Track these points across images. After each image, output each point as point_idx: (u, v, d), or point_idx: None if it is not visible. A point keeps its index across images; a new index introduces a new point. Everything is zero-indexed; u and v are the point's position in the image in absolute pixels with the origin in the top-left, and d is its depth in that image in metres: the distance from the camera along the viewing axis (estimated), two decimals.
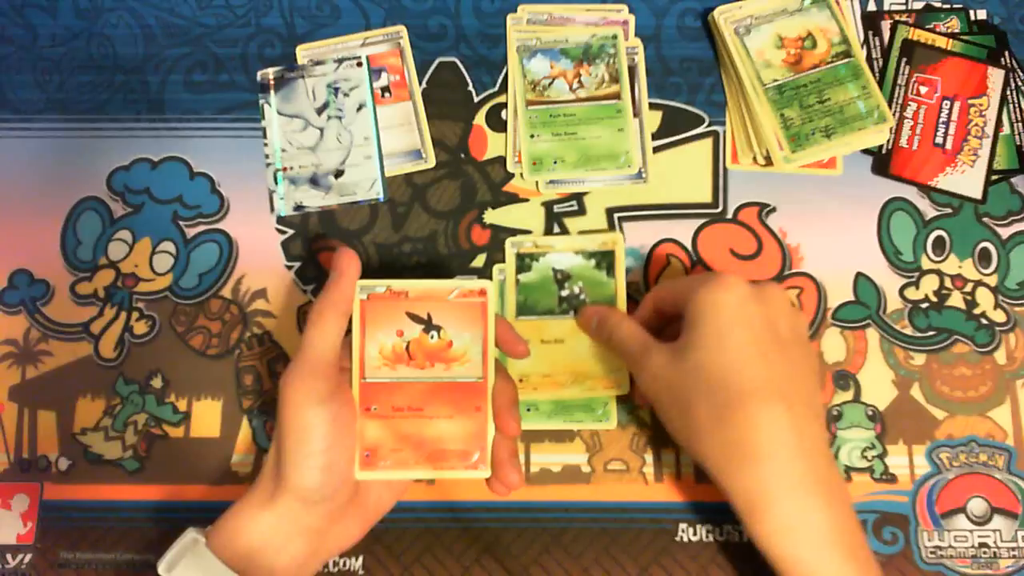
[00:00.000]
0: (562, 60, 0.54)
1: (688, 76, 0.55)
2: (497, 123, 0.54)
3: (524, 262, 0.51)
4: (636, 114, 0.54)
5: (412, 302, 0.43)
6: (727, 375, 0.40)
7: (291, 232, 0.53)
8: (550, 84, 0.54)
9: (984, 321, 0.52)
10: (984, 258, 0.53)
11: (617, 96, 0.53)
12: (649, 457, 0.50)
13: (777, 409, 0.39)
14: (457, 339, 0.43)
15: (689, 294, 0.43)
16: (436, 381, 0.43)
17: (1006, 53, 0.55)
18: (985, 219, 0.53)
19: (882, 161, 0.54)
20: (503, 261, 0.52)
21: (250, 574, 0.40)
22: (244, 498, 0.42)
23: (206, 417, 0.50)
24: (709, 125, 0.54)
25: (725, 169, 0.54)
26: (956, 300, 0.52)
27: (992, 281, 0.52)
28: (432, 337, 0.43)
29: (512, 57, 0.54)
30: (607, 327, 0.47)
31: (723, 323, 0.41)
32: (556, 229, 0.53)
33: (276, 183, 0.53)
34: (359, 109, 0.54)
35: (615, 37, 0.54)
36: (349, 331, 0.43)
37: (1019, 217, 0.53)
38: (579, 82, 0.54)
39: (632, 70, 0.54)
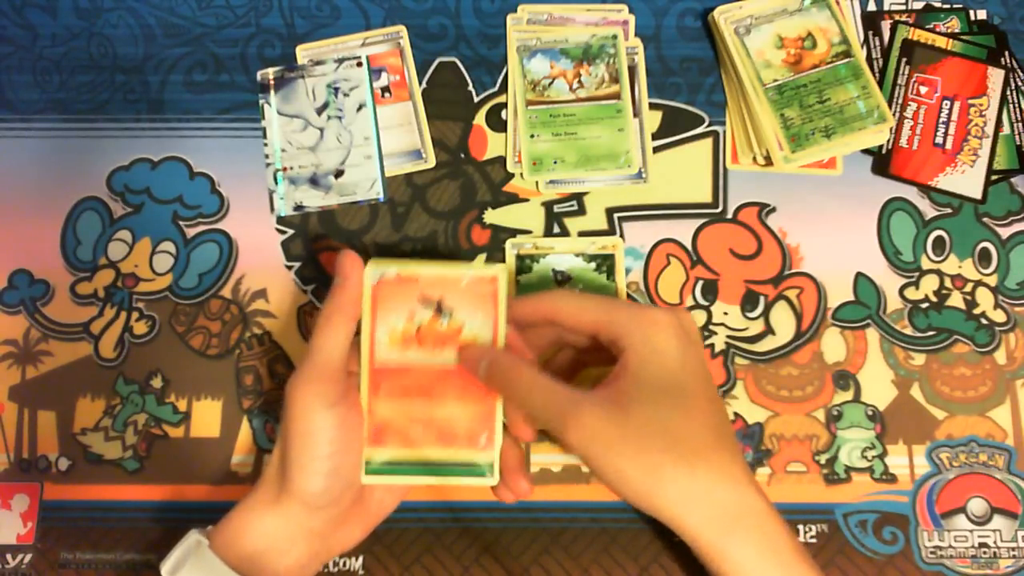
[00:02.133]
0: (562, 60, 0.54)
1: (688, 76, 0.55)
2: (497, 123, 0.54)
3: (524, 263, 0.51)
4: (636, 114, 0.54)
5: (424, 286, 0.43)
6: (675, 432, 0.38)
7: (291, 232, 0.53)
8: (550, 84, 0.54)
9: (984, 321, 0.52)
10: (984, 258, 0.53)
11: (617, 96, 0.53)
12: None
13: (736, 457, 0.39)
14: (468, 325, 0.42)
15: (622, 337, 0.40)
16: (446, 366, 0.42)
17: (1006, 53, 0.55)
18: (985, 219, 0.53)
19: (882, 161, 0.54)
20: (503, 261, 0.52)
21: None
22: (247, 500, 0.41)
23: (206, 417, 0.50)
24: (709, 125, 0.54)
25: (725, 169, 0.54)
26: (956, 300, 0.52)
27: (992, 281, 0.52)
28: (443, 322, 0.43)
29: (512, 57, 0.54)
30: (512, 385, 0.41)
31: (666, 378, 0.39)
32: (556, 229, 0.53)
33: (276, 183, 0.53)
34: (359, 109, 0.54)
35: (615, 37, 0.54)
36: (357, 334, 0.42)
37: (1019, 217, 0.53)
38: (579, 82, 0.54)
39: (632, 70, 0.54)
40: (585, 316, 0.42)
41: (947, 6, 0.56)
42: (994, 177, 0.53)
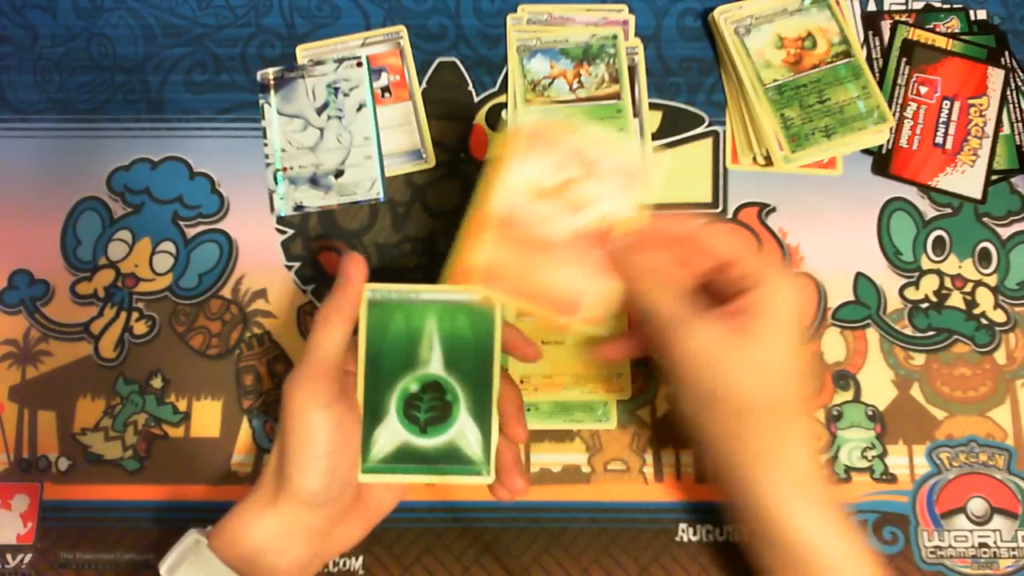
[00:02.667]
0: (562, 60, 0.54)
1: (688, 76, 0.55)
2: (497, 123, 0.54)
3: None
4: (636, 114, 0.54)
5: (581, 145, 0.42)
6: (785, 380, 0.40)
7: (291, 232, 0.53)
8: (550, 84, 0.54)
9: (984, 321, 0.52)
10: (984, 258, 0.53)
11: (617, 96, 0.53)
12: (649, 457, 0.50)
13: (806, 423, 0.41)
14: (608, 199, 0.42)
15: (761, 277, 0.40)
16: (570, 230, 0.42)
17: (1006, 53, 0.55)
18: (985, 219, 0.53)
19: (882, 161, 0.54)
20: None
21: None
22: (245, 500, 0.41)
23: (206, 417, 0.50)
24: (709, 125, 0.54)
25: (725, 169, 0.54)
26: (956, 300, 0.52)
27: (992, 281, 0.52)
28: (588, 185, 0.42)
29: (512, 57, 0.54)
30: (635, 263, 0.41)
31: (792, 327, 0.40)
32: None
33: (276, 183, 0.53)
34: (359, 109, 0.54)
35: (615, 37, 0.54)
36: (354, 334, 0.42)
37: (1019, 217, 0.53)
38: (579, 82, 0.54)
39: (632, 70, 0.54)
40: (732, 242, 0.41)
41: (947, 6, 0.56)
42: (994, 177, 0.53)
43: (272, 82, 0.54)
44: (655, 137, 0.54)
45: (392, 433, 0.42)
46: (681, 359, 0.39)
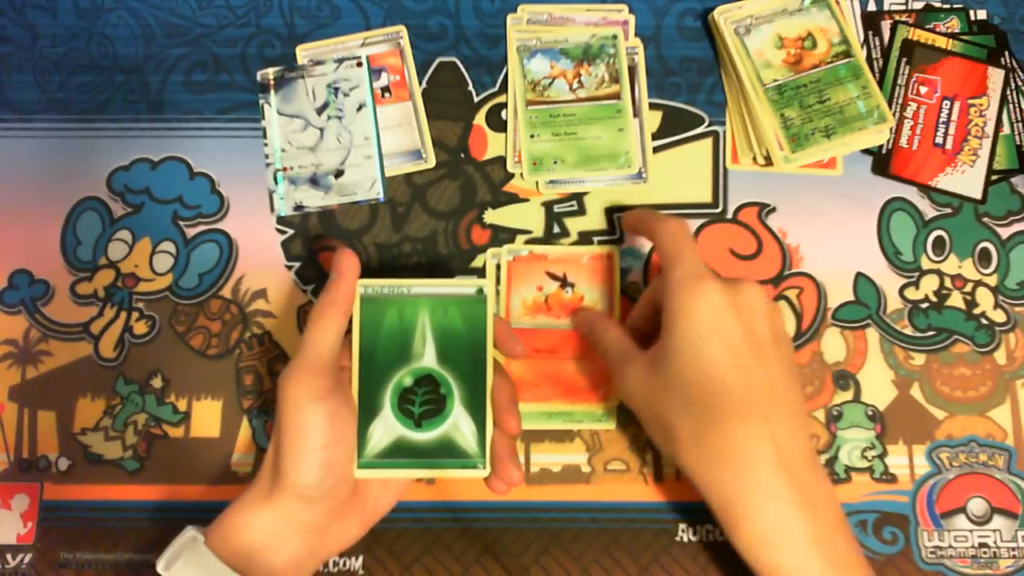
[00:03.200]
0: (562, 60, 0.54)
1: (688, 76, 0.55)
2: (497, 123, 0.54)
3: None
4: (636, 114, 0.54)
5: (550, 263, 0.51)
6: (702, 391, 0.40)
7: (291, 232, 0.53)
8: (550, 84, 0.54)
9: (984, 321, 0.52)
10: (984, 258, 0.53)
11: (617, 96, 0.53)
12: (649, 457, 0.50)
13: (754, 424, 0.39)
14: (588, 294, 0.51)
15: (665, 299, 0.42)
16: (569, 329, 0.50)
17: (1006, 53, 0.55)
18: (985, 219, 0.53)
19: (882, 161, 0.54)
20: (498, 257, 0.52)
21: (249, 572, 0.40)
22: (243, 496, 0.42)
23: (206, 417, 0.50)
24: (709, 125, 0.54)
25: (725, 169, 0.54)
26: (956, 300, 0.52)
27: (992, 281, 0.52)
28: (567, 292, 0.50)
29: (512, 57, 0.54)
30: (595, 334, 0.47)
31: (696, 335, 0.40)
32: (556, 229, 0.53)
33: (276, 183, 0.53)
34: (359, 109, 0.54)
35: (615, 37, 0.54)
36: (349, 330, 0.43)
37: (1019, 217, 0.53)
38: (579, 82, 0.54)
39: (632, 70, 0.54)
40: (655, 284, 0.46)
41: (947, 6, 0.56)
42: (994, 177, 0.53)
43: (272, 82, 0.54)
44: (655, 137, 0.54)
45: (387, 428, 0.43)
46: (624, 403, 0.44)
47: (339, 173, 0.53)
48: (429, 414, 0.43)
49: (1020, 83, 0.55)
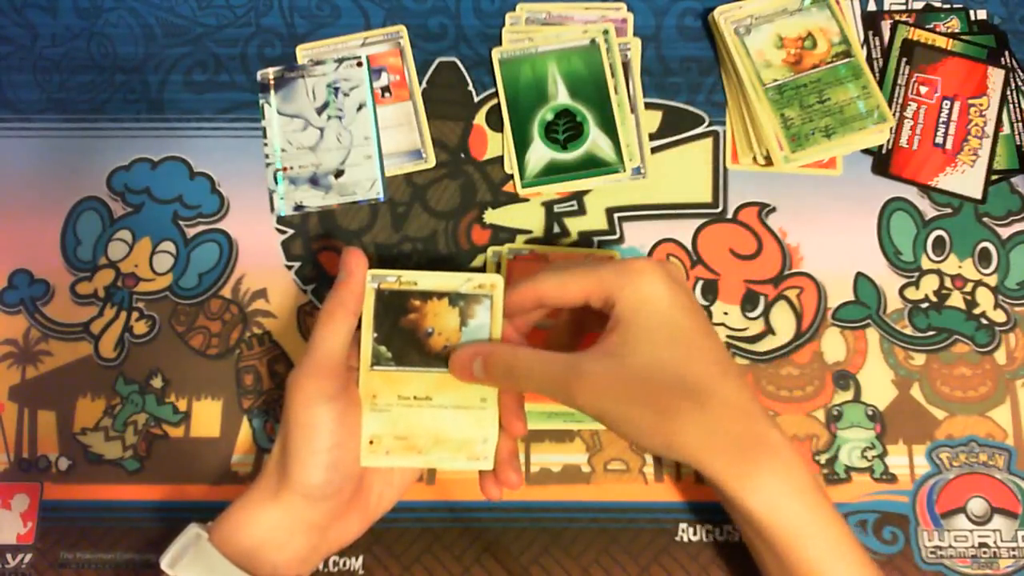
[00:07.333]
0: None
1: (688, 76, 0.55)
2: (497, 123, 0.54)
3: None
4: (632, 110, 0.54)
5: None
6: (688, 360, 0.39)
7: (291, 232, 0.53)
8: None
9: (984, 321, 0.52)
10: (984, 258, 0.53)
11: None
12: (649, 457, 0.50)
13: (739, 380, 0.39)
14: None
15: (615, 292, 0.40)
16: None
17: (1006, 53, 0.55)
18: (985, 219, 0.53)
19: (882, 161, 0.54)
20: (497, 264, 0.52)
21: (253, 570, 0.40)
22: (247, 494, 0.42)
23: (206, 417, 0.50)
24: (709, 125, 0.54)
25: (725, 169, 0.54)
26: (956, 300, 0.52)
27: (992, 281, 0.52)
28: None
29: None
30: (502, 366, 0.41)
31: (660, 319, 0.39)
32: (556, 229, 0.53)
33: (276, 183, 0.53)
34: (359, 109, 0.54)
35: (606, 32, 0.54)
36: (358, 329, 0.42)
37: (1019, 217, 0.53)
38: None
39: (626, 67, 0.54)
40: (571, 289, 0.41)
41: (947, 6, 0.56)
42: (994, 177, 0.53)
43: (272, 82, 0.54)
44: (655, 137, 0.54)
45: (540, 154, 0.52)
46: (589, 410, 0.39)
47: (339, 173, 0.53)
48: (571, 138, 0.52)
49: (1020, 83, 0.55)
